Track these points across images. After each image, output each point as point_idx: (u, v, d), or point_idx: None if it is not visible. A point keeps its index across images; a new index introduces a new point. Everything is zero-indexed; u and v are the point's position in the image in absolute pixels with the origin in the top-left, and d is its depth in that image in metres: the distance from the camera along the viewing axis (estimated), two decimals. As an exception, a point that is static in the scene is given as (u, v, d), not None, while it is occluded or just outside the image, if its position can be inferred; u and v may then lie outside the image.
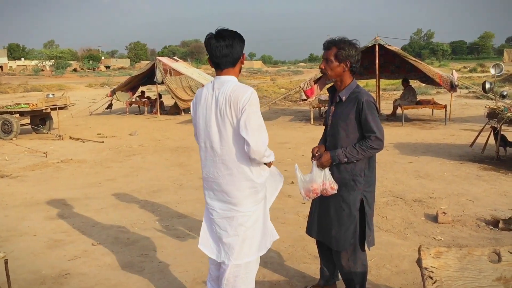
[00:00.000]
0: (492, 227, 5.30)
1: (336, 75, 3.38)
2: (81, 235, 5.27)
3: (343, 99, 3.37)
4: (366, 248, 3.47)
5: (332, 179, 3.35)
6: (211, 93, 2.93)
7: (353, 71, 3.37)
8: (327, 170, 3.37)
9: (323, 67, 3.39)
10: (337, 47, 3.31)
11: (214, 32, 2.91)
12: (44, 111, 13.23)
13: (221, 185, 2.98)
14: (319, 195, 3.39)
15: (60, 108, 13.66)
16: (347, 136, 3.35)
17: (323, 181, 3.35)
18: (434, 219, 5.55)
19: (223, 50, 2.86)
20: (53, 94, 15.07)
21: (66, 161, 9.54)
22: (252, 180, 2.94)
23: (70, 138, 12.69)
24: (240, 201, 2.95)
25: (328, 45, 3.37)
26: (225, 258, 3.02)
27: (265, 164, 3.06)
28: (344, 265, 3.48)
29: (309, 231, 3.71)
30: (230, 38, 2.88)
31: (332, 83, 3.55)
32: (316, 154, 3.48)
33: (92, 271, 4.32)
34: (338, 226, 3.40)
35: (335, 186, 3.34)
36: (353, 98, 3.32)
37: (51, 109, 13.38)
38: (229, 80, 2.90)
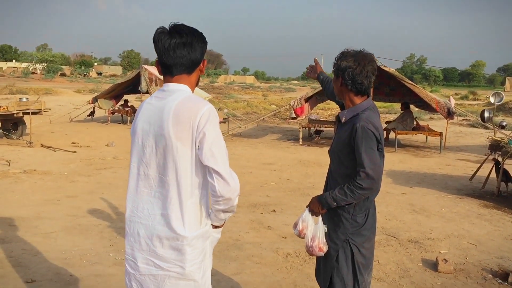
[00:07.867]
0: (501, 281, 4.55)
1: (337, 91, 2.86)
2: (17, 267, 4.42)
3: (342, 120, 2.79)
4: None
5: (324, 239, 2.76)
6: (154, 104, 2.18)
7: (357, 88, 2.72)
8: (321, 225, 2.78)
9: None
10: (334, 60, 2.79)
11: (167, 27, 2.17)
12: (15, 115, 12.35)
13: (149, 228, 2.18)
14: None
15: (34, 113, 12.81)
16: (340, 164, 2.76)
17: (313, 236, 2.78)
18: (433, 266, 4.81)
19: (178, 49, 2.13)
20: (27, 98, 14.18)
21: (28, 172, 8.67)
22: (178, 233, 2.13)
23: (42, 145, 11.81)
24: (170, 256, 2.16)
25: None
26: None
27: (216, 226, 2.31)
28: None
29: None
30: (189, 35, 2.15)
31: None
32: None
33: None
34: (323, 263, 2.91)
35: (324, 248, 2.76)
36: (351, 122, 2.70)
37: (24, 113, 12.53)
38: (179, 90, 2.17)
